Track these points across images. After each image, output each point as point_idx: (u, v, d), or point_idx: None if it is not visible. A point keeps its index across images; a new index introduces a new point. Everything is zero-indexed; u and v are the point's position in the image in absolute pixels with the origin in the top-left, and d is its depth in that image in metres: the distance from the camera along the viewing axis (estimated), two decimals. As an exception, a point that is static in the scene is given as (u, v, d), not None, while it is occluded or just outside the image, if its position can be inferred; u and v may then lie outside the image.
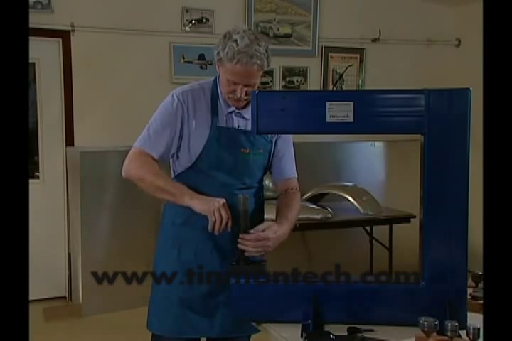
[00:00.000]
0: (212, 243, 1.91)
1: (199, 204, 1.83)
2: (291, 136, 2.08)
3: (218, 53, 1.86)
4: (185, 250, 1.97)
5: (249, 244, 1.79)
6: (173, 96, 1.94)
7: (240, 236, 1.80)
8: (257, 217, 1.98)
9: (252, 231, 1.81)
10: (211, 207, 1.80)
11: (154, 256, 2.09)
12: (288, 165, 2.07)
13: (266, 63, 1.85)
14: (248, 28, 1.90)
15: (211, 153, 1.91)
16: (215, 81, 1.98)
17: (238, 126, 1.95)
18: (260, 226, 1.83)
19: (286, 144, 2.06)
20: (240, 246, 1.80)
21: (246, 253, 1.80)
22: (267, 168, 2.06)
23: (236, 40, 1.81)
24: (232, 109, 1.94)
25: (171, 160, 2.01)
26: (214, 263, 1.93)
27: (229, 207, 1.82)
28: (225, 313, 1.92)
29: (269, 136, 2.00)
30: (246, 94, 1.87)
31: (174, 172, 2.02)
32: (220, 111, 1.94)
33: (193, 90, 1.95)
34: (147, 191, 1.91)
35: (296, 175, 2.10)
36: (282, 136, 2.04)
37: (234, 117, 1.95)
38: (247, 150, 1.95)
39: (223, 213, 1.79)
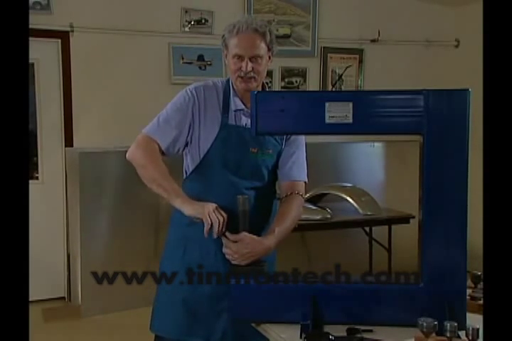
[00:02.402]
0: (217, 244, 1.88)
1: (191, 208, 1.81)
2: (304, 139, 2.05)
3: (223, 36, 1.93)
4: (190, 250, 1.96)
5: (229, 252, 1.79)
6: (186, 91, 1.96)
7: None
8: (262, 219, 1.97)
9: (228, 234, 1.80)
10: (205, 210, 1.77)
11: (161, 256, 2.09)
12: (295, 167, 2.01)
13: (268, 35, 1.89)
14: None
15: (219, 150, 1.92)
16: (228, 80, 1.99)
17: (246, 125, 1.94)
18: (236, 236, 1.80)
19: (296, 146, 2.02)
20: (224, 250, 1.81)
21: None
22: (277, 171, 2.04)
23: (238, 19, 1.90)
24: (242, 106, 1.95)
25: (184, 159, 2.02)
26: (218, 264, 1.91)
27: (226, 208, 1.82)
28: (228, 320, 1.89)
29: (280, 136, 1.99)
30: (253, 70, 1.88)
31: (186, 173, 2.02)
32: (231, 110, 1.95)
33: (206, 87, 1.97)
34: (144, 180, 1.90)
35: (306, 180, 2.04)
36: (294, 137, 2.01)
37: (242, 117, 1.95)
38: (256, 150, 1.94)
39: (219, 216, 1.76)
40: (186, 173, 2.03)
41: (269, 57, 1.94)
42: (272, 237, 1.85)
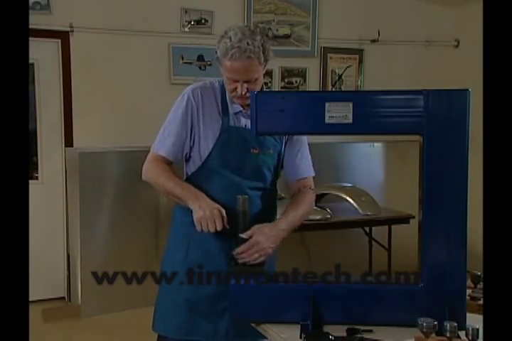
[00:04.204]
0: (221, 244, 1.89)
1: (196, 206, 1.83)
2: (305, 136, 2.07)
3: (216, 52, 1.87)
4: (193, 250, 1.96)
5: (244, 255, 1.78)
6: (183, 96, 1.95)
7: (234, 253, 1.79)
8: (264, 220, 1.96)
9: (241, 235, 1.79)
10: (199, 215, 1.80)
11: (163, 256, 2.09)
12: (302, 165, 2.04)
13: (262, 57, 1.82)
14: (245, 24, 1.88)
15: (221, 152, 1.92)
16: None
17: (245, 126, 1.94)
18: (248, 232, 1.80)
19: (300, 143, 2.04)
20: (239, 260, 1.79)
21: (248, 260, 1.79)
22: (278, 170, 2.05)
23: (230, 37, 1.81)
24: (240, 109, 1.94)
25: (184, 162, 2.02)
26: (221, 264, 1.91)
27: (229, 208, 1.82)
28: (231, 319, 1.89)
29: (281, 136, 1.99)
30: (248, 91, 1.84)
31: (186, 174, 2.02)
32: (230, 112, 1.94)
33: (204, 88, 1.96)
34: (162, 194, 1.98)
35: (313, 174, 2.08)
36: (295, 137, 2.02)
37: (242, 118, 1.95)
38: (257, 151, 1.94)
39: (210, 223, 1.78)
40: (187, 175, 2.03)
41: (265, 65, 1.88)
42: (283, 221, 1.89)
